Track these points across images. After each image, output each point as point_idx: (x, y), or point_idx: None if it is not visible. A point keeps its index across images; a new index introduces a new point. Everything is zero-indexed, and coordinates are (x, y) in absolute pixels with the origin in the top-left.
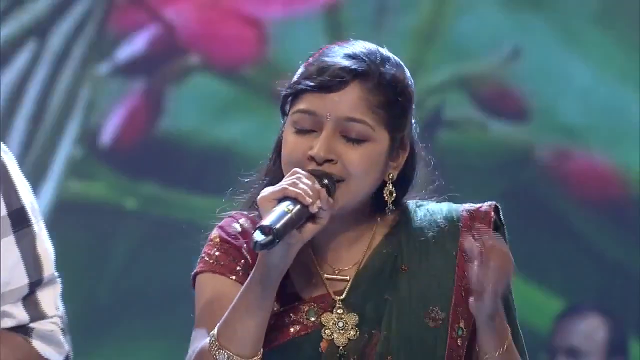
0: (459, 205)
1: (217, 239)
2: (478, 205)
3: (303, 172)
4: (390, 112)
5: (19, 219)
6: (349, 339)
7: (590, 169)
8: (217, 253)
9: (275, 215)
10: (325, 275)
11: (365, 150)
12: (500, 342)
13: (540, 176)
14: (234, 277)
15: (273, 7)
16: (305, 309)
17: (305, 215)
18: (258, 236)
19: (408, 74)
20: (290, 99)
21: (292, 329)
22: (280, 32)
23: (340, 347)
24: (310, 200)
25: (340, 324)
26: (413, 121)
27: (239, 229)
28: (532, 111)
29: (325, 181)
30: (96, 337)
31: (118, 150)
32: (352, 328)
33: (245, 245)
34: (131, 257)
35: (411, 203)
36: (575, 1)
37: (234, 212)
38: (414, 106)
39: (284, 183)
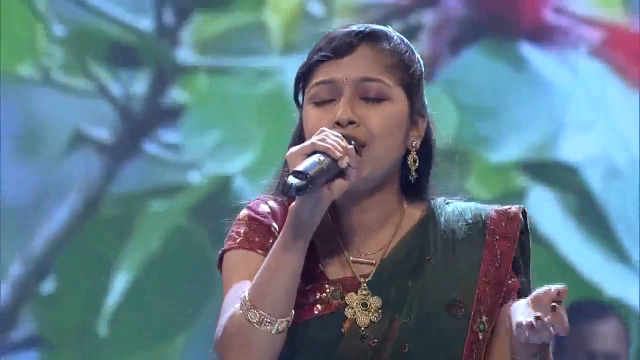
0: (487, 205)
1: (246, 217)
2: (507, 206)
3: (330, 130)
4: (405, 72)
5: None
6: (371, 320)
7: None
8: (245, 230)
9: (308, 163)
10: (352, 258)
11: (385, 110)
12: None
13: None
14: (262, 253)
15: None
16: (331, 289)
17: (334, 170)
18: (292, 179)
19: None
20: (303, 80)
21: (316, 308)
22: None
23: (362, 328)
24: (340, 155)
25: (364, 305)
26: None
27: (268, 209)
28: None
29: (352, 142)
30: None
31: None
32: (375, 311)
33: (274, 224)
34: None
35: (439, 199)
36: None
37: (262, 195)
38: (423, 79)
39: (312, 139)
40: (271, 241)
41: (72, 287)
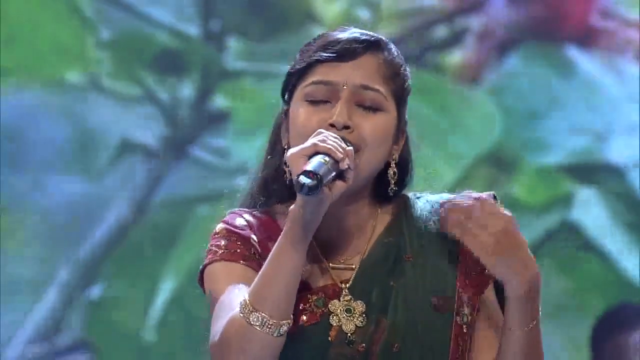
0: (456, 194)
1: (224, 230)
2: (477, 194)
3: (329, 132)
4: (399, 85)
5: None
6: (356, 325)
7: None
8: (225, 242)
9: (315, 163)
10: (331, 265)
11: (379, 120)
12: (529, 318)
13: None
14: (245, 263)
15: None
16: (314, 298)
17: (336, 172)
18: (304, 179)
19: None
20: (298, 76)
21: (301, 318)
22: None
23: (349, 334)
24: (341, 156)
25: (348, 311)
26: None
27: (245, 222)
28: None
29: (348, 144)
30: None
31: None
32: (359, 315)
33: (253, 236)
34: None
35: (410, 194)
36: None
37: (235, 209)
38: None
39: (312, 140)
40: (252, 252)
41: (120, 293)
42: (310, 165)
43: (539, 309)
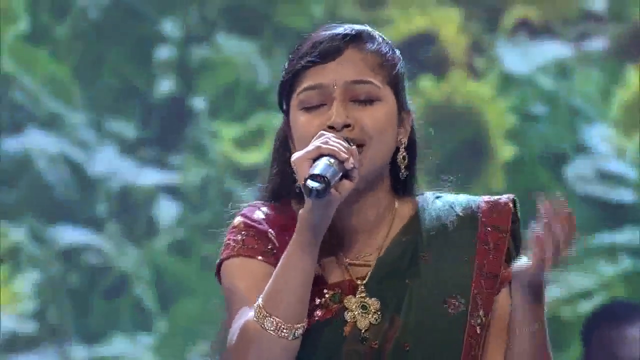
0: (477, 196)
1: (242, 224)
2: (497, 197)
3: (331, 133)
4: (390, 71)
5: None
6: (370, 323)
7: None
8: (242, 237)
9: (321, 166)
10: (348, 261)
11: (377, 110)
12: (535, 318)
13: None
14: (262, 259)
15: None
16: (330, 294)
17: (342, 172)
18: (312, 183)
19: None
20: (289, 86)
21: (316, 313)
22: None
23: (363, 331)
24: (346, 156)
25: (363, 308)
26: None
27: (263, 216)
28: None
29: (352, 144)
30: None
31: None
32: (374, 312)
33: (270, 230)
34: None
35: (429, 194)
36: None
37: (254, 201)
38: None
39: (316, 143)
40: (269, 247)
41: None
42: (316, 169)
43: (544, 311)
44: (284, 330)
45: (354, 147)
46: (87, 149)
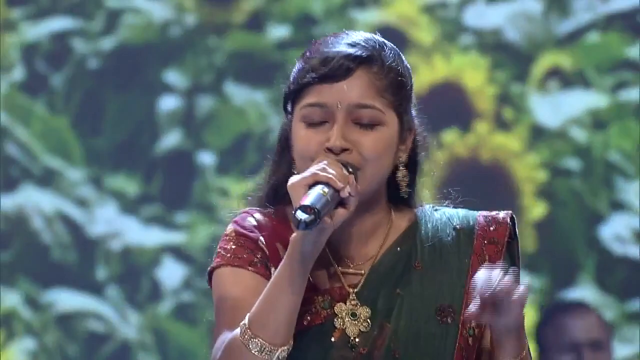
0: (475, 211)
1: (233, 233)
2: (495, 212)
3: (328, 159)
4: (397, 94)
5: None
6: (360, 330)
7: None
8: (233, 246)
9: (313, 196)
10: (340, 269)
11: (378, 135)
12: (519, 349)
13: None
14: (252, 269)
15: None
16: (320, 300)
17: (336, 200)
18: (301, 215)
19: (403, 57)
20: (294, 95)
21: (305, 319)
22: None
23: (352, 338)
24: (342, 185)
25: (353, 315)
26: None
27: (255, 223)
28: None
29: (350, 169)
30: None
31: None
32: (364, 320)
33: (261, 237)
34: None
35: (428, 206)
36: None
37: (248, 208)
38: (412, 88)
39: (313, 169)
40: (259, 256)
41: None
42: (307, 200)
43: (526, 338)
44: (268, 352)
45: (351, 175)
46: (87, 207)
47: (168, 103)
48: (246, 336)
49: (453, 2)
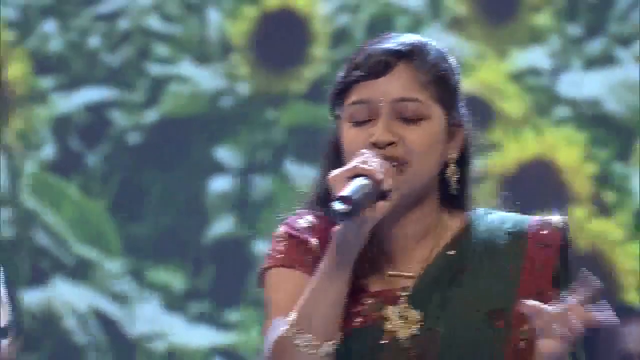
0: (528, 216)
1: (284, 234)
2: (549, 217)
3: (370, 152)
4: (441, 87)
5: None
6: (410, 333)
7: None
8: (283, 247)
9: (352, 187)
10: (390, 272)
11: (424, 129)
12: None
13: None
14: (302, 269)
15: None
16: (369, 302)
17: (377, 193)
18: (338, 205)
19: (449, 55)
20: (339, 96)
21: (355, 320)
22: None
23: (402, 341)
24: (382, 177)
25: (403, 319)
26: (462, 103)
27: (306, 224)
28: None
29: (393, 162)
30: None
31: None
32: (414, 323)
33: (312, 239)
34: None
35: (480, 209)
36: None
37: (298, 210)
38: (460, 85)
39: (354, 162)
40: (310, 257)
41: None
42: (346, 190)
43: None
44: (315, 347)
45: (392, 167)
46: (125, 303)
47: (219, 184)
48: (293, 332)
49: (545, 69)
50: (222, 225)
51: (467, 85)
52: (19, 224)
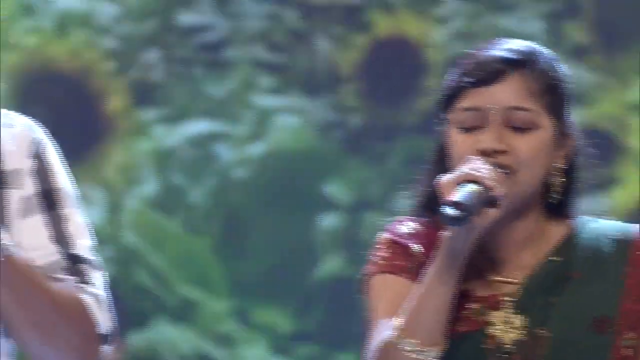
0: (633, 224)
1: (387, 241)
2: None
3: (480, 158)
4: (551, 96)
5: (49, 201)
6: (514, 339)
7: None
8: (386, 254)
9: (462, 193)
10: (494, 278)
11: (533, 138)
12: None
13: None
14: (405, 276)
15: None
16: (474, 307)
17: (486, 199)
18: (450, 211)
19: (561, 63)
20: (448, 101)
21: (459, 325)
22: None
23: (506, 347)
24: (493, 184)
25: (508, 324)
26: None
27: (408, 230)
28: None
29: (500, 169)
30: None
31: None
32: (518, 329)
33: (415, 245)
34: None
35: (585, 217)
36: None
37: (401, 217)
38: (570, 93)
39: (463, 168)
40: (414, 264)
41: None
42: (457, 196)
43: None
44: (421, 353)
45: (502, 173)
46: (230, 345)
47: (329, 221)
48: (399, 337)
49: None
50: (331, 264)
51: (588, 116)
52: (119, 262)
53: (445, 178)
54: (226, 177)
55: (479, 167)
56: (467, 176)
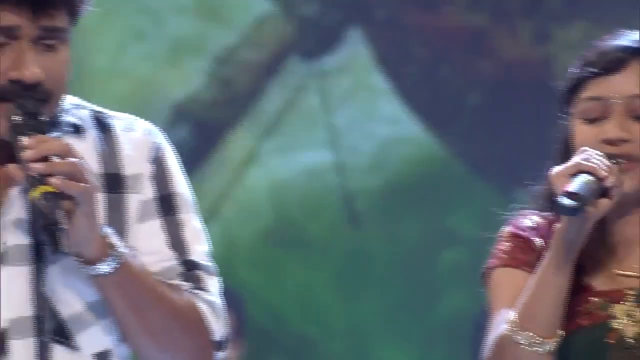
0: None
1: (509, 234)
2: None
3: (593, 150)
4: None
5: (167, 205)
6: (638, 333)
7: None
8: (509, 247)
9: (577, 184)
10: (616, 271)
11: None
12: None
13: None
14: (526, 269)
15: None
16: (595, 300)
17: (600, 190)
18: (565, 201)
19: None
20: (571, 92)
21: (581, 320)
22: None
23: (629, 340)
24: (605, 174)
25: (630, 317)
26: None
27: (530, 224)
28: None
29: (614, 160)
30: None
31: None
32: None
33: (537, 239)
34: None
35: None
36: None
37: (524, 210)
38: None
39: (576, 159)
40: (535, 257)
41: None
42: (572, 186)
43: None
44: (537, 345)
45: (615, 165)
46: None
47: (451, 254)
48: (515, 329)
49: None
50: (455, 300)
51: None
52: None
53: (558, 169)
54: (344, 209)
55: (590, 157)
56: (580, 166)
